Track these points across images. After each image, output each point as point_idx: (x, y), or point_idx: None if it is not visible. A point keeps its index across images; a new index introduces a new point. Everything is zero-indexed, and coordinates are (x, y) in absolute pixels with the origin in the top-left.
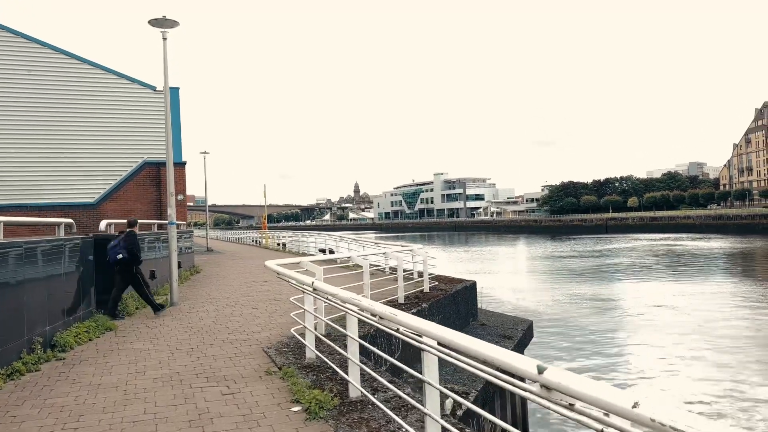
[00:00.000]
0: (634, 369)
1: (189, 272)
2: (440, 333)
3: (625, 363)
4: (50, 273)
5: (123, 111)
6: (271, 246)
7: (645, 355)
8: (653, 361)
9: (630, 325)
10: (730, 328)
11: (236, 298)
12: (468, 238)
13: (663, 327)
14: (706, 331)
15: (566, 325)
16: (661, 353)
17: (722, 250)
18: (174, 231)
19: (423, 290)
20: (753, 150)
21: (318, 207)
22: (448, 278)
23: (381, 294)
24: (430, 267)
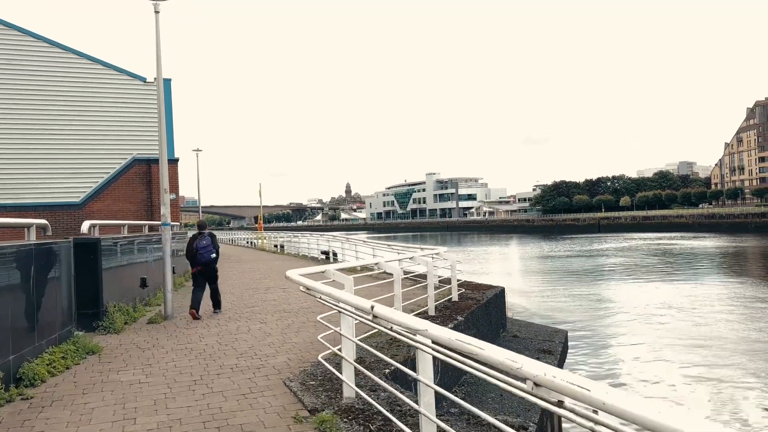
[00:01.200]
0: (684, 382)
1: (183, 278)
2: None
3: (677, 378)
4: (14, 286)
5: (111, 104)
6: (267, 248)
7: (686, 364)
8: (700, 371)
9: (662, 332)
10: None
11: (239, 309)
12: (461, 238)
13: (698, 336)
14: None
15: (600, 335)
16: (703, 364)
17: (723, 250)
18: (168, 233)
19: (451, 299)
20: (744, 149)
21: (309, 207)
22: (472, 283)
23: (409, 306)
24: (442, 270)
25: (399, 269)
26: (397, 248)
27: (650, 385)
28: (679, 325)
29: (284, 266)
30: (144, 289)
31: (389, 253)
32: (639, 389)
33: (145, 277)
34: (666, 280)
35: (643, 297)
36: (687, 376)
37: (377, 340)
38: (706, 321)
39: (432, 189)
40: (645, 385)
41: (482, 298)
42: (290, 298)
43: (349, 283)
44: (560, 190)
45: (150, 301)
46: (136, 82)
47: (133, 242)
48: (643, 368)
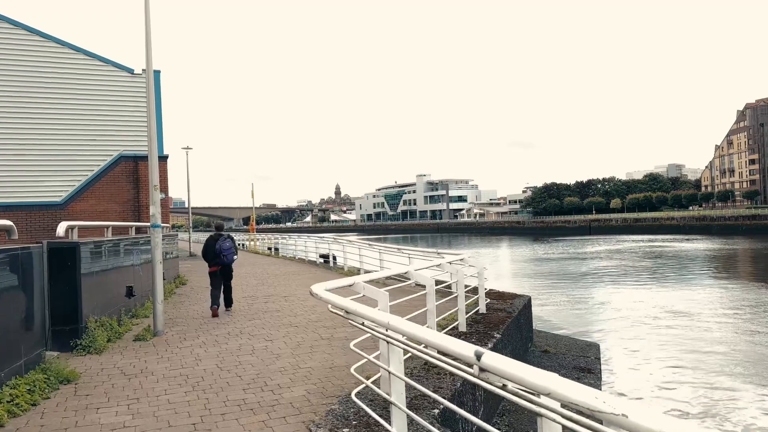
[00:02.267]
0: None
1: (173, 284)
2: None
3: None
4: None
5: (96, 97)
6: (260, 250)
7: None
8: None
9: (696, 345)
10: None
11: (240, 322)
12: (451, 239)
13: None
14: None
15: (631, 346)
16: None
17: (718, 252)
18: (158, 235)
19: (479, 311)
20: (735, 151)
21: (299, 209)
22: (495, 292)
23: (436, 320)
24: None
25: (432, 281)
26: (408, 252)
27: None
28: (704, 335)
29: (281, 271)
30: (130, 299)
31: (399, 256)
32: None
33: (131, 286)
34: (672, 285)
35: (662, 302)
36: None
37: (412, 364)
38: (737, 331)
39: (422, 190)
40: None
41: (512, 309)
42: (295, 309)
43: (384, 300)
44: (551, 192)
45: (137, 312)
46: (122, 73)
47: (118, 246)
48: (701, 395)
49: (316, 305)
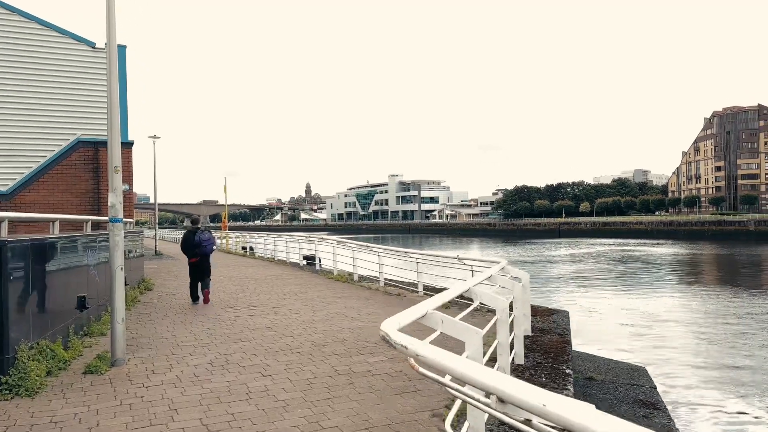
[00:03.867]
0: None
1: (138, 289)
2: None
3: None
4: None
5: (50, 73)
6: (234, 250)
7: None
8: None
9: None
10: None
11: (223, 344)
12: (422, 240)
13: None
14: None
15: (683, 371)
16: None
17: (687, 258)
18: (119, 232)
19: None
20: (701, 158)
21: (268, 207)
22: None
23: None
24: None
25: (506, 304)
26: (416, 256)
27: None
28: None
29: (262, 274)
30: (83, 313)
31: (404, 260)
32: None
33: (83, 296)
34: (661, 291)
35: (664, 309)
36: None
37: None
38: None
39: (394, 191)
40: None
41: (560, 329)
42: (290, 326)
43: (476, 343)
44: (521, 195)
45: (92, 329)
46: (82, 47)
47: (67, 245)
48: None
49: (315, 321)
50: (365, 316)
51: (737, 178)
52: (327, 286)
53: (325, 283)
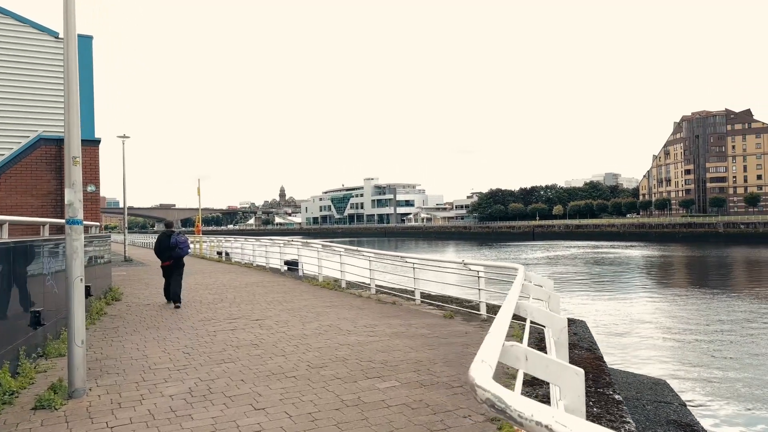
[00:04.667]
0: None
1: (104, 300)
2: None
3: None
4: None
5: (9, 65)
6: (208, 255)
7: None
8: None
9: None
10: None
11: (204, 366)
12: (398, 243)
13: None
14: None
15: (705, 386)
16: None
17: (663, 259)
18: (78, 236)
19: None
20: (671, 161)
21: (241, 210)
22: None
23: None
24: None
25: (564, 323)
26: (413, 261)
27: None
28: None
29: (241, 282)
30: (37, 330)
31: (401, 266)
32: None
33: (38, 311)
34: (642, 293)
35: (649, 312)
36: None
37: None
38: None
39: (370, 194)
40: None
41: (582, 342)
42: (279, 343)
43: (576, 388)
44: (496, 198)
45: (48, 349)
46: (45, 37)
47: (19, 251)
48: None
49: (306, 336)
50: (362, 328)
51: (706, 181)
52: (313, 294)
53: (311, 291)
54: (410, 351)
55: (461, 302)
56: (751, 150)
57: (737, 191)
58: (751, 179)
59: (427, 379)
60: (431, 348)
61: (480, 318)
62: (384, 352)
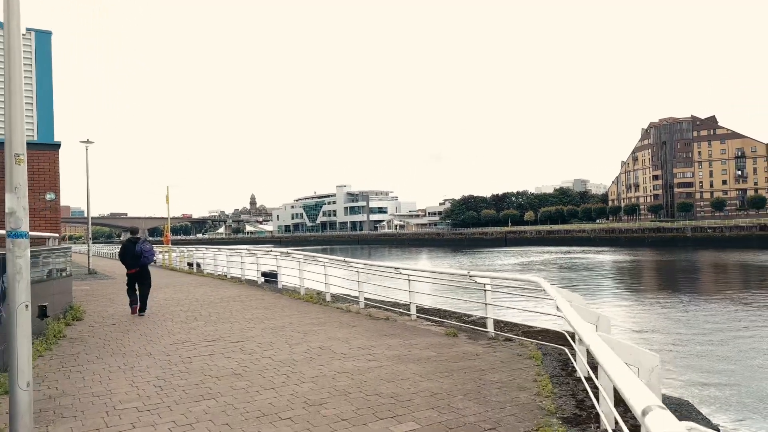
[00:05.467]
0: None
1: (63, 320)
2: None
3: None
4: None
5: None
6: (178, 267)
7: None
8: None
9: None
10: None
11: (180, 404)
12: (371, 251)
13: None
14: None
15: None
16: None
17: (634, 264)
18: (22, 252)
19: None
20: (640, 167)
21: (211, 219)
22: (542, 329)
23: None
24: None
25: (656, 360)
26: (408, 273)
27: None
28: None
29: (216, 296)
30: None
31: (395, 278)
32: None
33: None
34: (613, 298)
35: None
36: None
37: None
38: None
39: (342, 202)
40: None
41: None
42: (265, 369)
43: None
44: (468, 205)
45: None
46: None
47: None
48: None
49: (296, 362)
50: (359, 351)
51: (674, 187)
52: (297, 310)
53: (294, 306)
54: (420, 380)
55: (461, 317)
56: (716, 156)
57: (704, 196)
58: (717, 184)
59: (451, 419)
60: (444, 375)
61: (487, 336)
62: (390, 381)
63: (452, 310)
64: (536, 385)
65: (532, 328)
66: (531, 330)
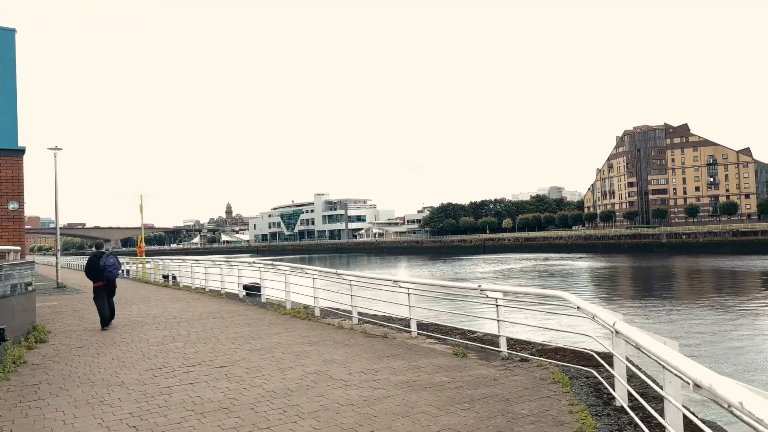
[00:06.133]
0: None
1: (25, 343)
2: None
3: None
4: None
5: None
6: (153, 279)
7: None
8: None
9: None
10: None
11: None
12: (350, 259)
13: None
14: None
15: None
16: None
17: (622, 270)
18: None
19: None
20: (615, 174)
21: (185, 229)
22: (558, 348)
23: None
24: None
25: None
26: (407, 286)
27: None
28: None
29: (194, 312)
30: None
31: (393, 291)
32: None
33: None
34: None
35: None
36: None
37: None
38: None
39: (321, 210)
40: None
41: None
42: (257, 403)
43: None
44: (447, 212)
45: None
46: None
47: None
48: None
49: (291, 391)
50: (360, 376)
51: (648, 193)
52: (284, 327)
53: (281, 322)
54: (438, 413)
55: (465, 333)
56: (689, 163)
57: (678, 202)
58: (690, 191)
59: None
60: (464, 407)
61: (500, 356)
62: (404, 416)
63: (452, 325)
64: (574, 419)
65: (545, 346)
66: (545, 348)
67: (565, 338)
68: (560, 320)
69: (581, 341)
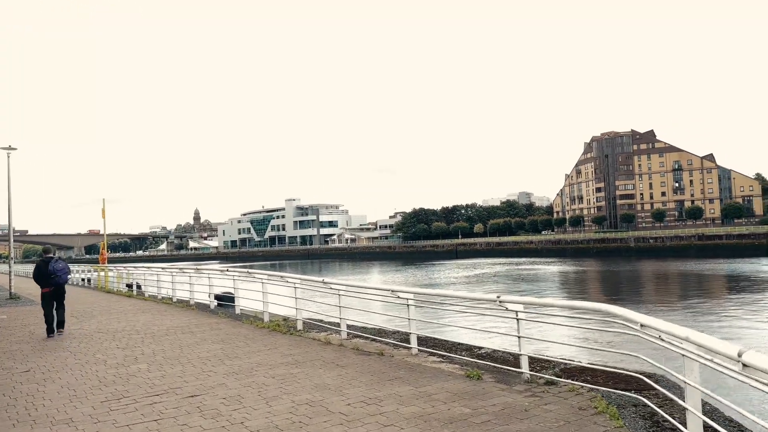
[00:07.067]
0: None
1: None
2: None
3: None
4: None
5: None
6: (115, 289)
7: None
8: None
9: None
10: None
11: None
12: (322, 265)
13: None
14: None
15: None
16: None
17: (591, 275)
18: None
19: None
20: (583, 180)
21: (151, 235)
22: (582, 366)
23: None
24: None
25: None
26: (407, 295)
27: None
28: None
29: (161, 327)
30: None
31: (393, 302)
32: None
33: None
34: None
35: None
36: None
37: None
38: None
39: (292, 216)
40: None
41: None
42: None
43: None
44: (419, 217)
45: None
46: None
47: None
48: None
49: (283, 430)
50: (362, 408)
51: (616, 198)
52: (263, 343)
53: (259, 337)
54: None
55: (471, 350)
56: (655, 168)
57: (645, 207)
58: (657, 196)
59: None
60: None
61: (522, 378)
62: None
63: (459, 341)
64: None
65: (569, 365)
66: (570, 368)
67: (595, 355)
68: (585, 334)
69: (618, 360)
